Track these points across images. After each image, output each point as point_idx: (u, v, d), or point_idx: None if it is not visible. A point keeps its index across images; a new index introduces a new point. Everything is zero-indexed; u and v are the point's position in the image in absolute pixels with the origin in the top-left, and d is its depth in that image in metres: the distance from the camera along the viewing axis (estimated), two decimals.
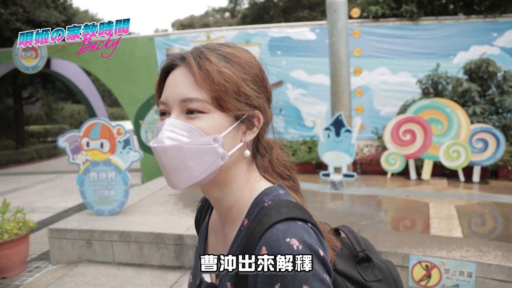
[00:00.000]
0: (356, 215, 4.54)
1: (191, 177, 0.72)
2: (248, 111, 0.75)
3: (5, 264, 4.21)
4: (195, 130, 0.71)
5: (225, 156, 0.72)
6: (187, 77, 0.72)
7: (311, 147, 8.03)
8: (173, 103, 0.73)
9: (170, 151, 0.71)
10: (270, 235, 0.64)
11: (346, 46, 6.20)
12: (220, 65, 0.71)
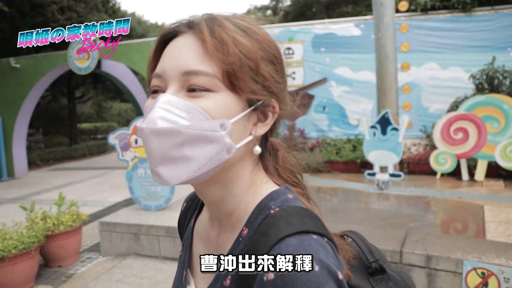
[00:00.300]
0: (404, 216, 4.37)
1: (186, 171, 0.57)
2: (264, 97, 0.61)
3: (60, 254, 4.47)
4: (199, 111, 0.56)
5: (232, 148, 0.59)
6: (194, 46, 0.58)
7: (356, 146, 7.85)
8: (171, 76, 0.59)
9: (163, 136, 0.56)
10: (279, 253, 0.51)
11: (393, 41, 5.97)
12: (237, 34, 0.58)
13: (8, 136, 11.36)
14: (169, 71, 0.59)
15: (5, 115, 11.31)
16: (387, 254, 3.12)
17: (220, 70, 0.57)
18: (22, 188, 9.75)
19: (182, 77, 0.58)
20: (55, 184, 10.19)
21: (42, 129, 17.39)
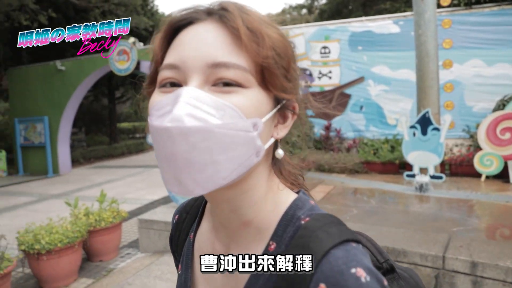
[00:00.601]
0: (446, 220, 4.18)
1: (215, 179, 0.50)
2: (291, 96, 0.56)
3: (101, 249, 4.64)
4: (232, 108, 0.49)
5: (261, 151, 0.53)
6: (221, 35, 0.51)
7: (394, 146, 7.63)
8: (194, 67, 0.51)
9: (194, 137, 0.47)
10: (329, 267, 0.47)
11: (434, 38, 5.74)
12: (267, 26, 0.53)
13: (54, 135, 11.95)
14: (191, 61, 0.51)
15: (51, 115, 11.90)
16: (429, 259, 3.00)
17: (253, 64, 0.51)
18: (66, 185, 10.23)
19: (208, 69, 0.50)
20: (96, 181, 10.61)
21: (85, 128, 18.16)
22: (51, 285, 3.95)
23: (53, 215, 5.51)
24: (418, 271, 3.06)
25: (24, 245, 3.79)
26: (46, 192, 9.29)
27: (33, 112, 12.15)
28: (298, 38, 8.81)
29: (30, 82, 12.13)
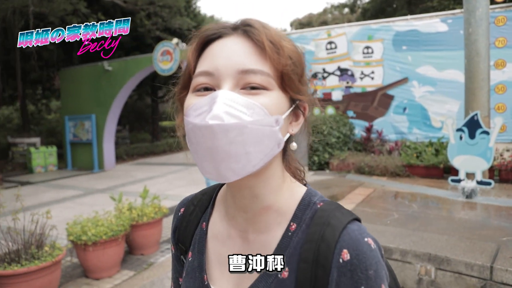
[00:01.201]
0: (494, 228, 3.97)
1: (247, 166, 0.59)
2: (304, 97, 0.67)
3: (143, 243, 4.80)
4: (259, 107, 0.59)
5: (281, 143, 0.63)
6: (247, 46, 0.61)
7: (439, 150, 7.34)
8: (226, 74, 0.60)
9: (232, 132, 0.56)
10: (349, 237, 0.61)
11: (486, 37, 5.46)
12: (286, 39, 0.63)
13: (100, 132, 12.52)
14: (223, 69, 0.60)
15: (98, 114, 12.48)
16: (475, 269, 2.87)
17: (275, 70, 0.61)
18: (110, 180, 10.68)
19: (238, 75, 0.60)
20: (138, 177, 10.99)
21: (128, 126, 18.88)
22: (96, 275, 4.13)
23: (98, 208, 5.78)
24: (463, 280, 2.92)
25: (73, 236, 3.99)
26: (92, 187, 9.74)
27: (82, 110, 12.80)
28: (340, 38, 8.69)
29: (80, 82, 12.79)
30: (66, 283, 4.08)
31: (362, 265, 0.59)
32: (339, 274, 0.59)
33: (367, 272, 0.58)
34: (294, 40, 9.33)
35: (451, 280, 2.98)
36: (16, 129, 17.20)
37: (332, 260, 0.60)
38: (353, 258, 0.59)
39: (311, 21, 30.20)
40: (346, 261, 0.59)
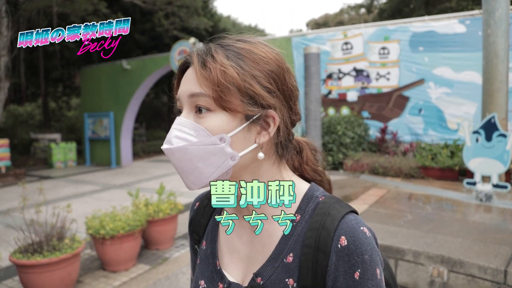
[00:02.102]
0: (510, 232, 3.93)
1: (201, 179, 0.69)
2: (258, 111, 0.69)
3: (158, 238, 4.91)
4: (202, 129, 0.68)
5: (235, 156, 0.69)
6: (193, 74, 0.70)
7: (454, 152, 7.26)
8: (184, 99, 0.71)
9: (177, 153, 0.68)
10: (346, 226, 0.68)
11: (505, 38, 5.39)
12: (225, 63, 0.67)
13: (118, 129, 12.77)
14: (182, 94, 0.71)
15: (116, 111, 12.73)
16: (488, 272, 2.87)
17: (211, 94, 0.67)
18: (127, 176, 10.88)
19: (189, 99, 0.70)
20: (154, 174, 11.17)
21: (145, 123, 19.15)
22: (113, 268, 4.25)
23: (115, 203, 5.92)
24: (476, 283, 2.93)
25: (91, 230, 4.12)
26: (109, 182, 9.95)
27: (101, 108, 13.08)
28: (357, 38, 8.67)
29: (99, 80, 13.07)
30: (85, 274, 4.22)
31: (358, 250, 0.66)
32: (338, 258, 0.67)
33: (362, 256, 0.66)
34: (310, 40, 9.40)
35: (463, 283, 2.99)
36: (38, 126, 17.66)
37: (332, 245, 0.67)
38: (350, 244, 0.66)
39: (327, 21, 30.04)
40: (344, 247, 0.67)
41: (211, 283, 0.81)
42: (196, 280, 0.85)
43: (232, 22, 27.81)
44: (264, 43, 0.75)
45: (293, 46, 9.41)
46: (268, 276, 0.73)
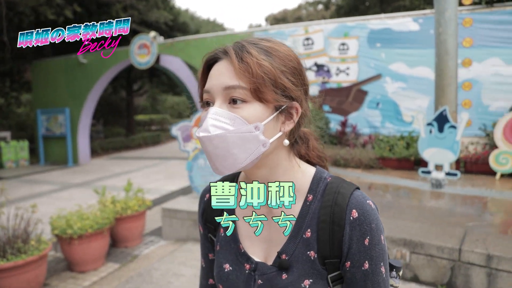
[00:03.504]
0: (461, 215, 4.29)
1: (235, 164, 0.75)
2: (286, 102, 0.78)
3: (127, 236, 4.85)
4: (238, 118, 0.73)
5: (267, 143, 0.76)
6: (229, 68, 0.75)
7: (409, 143, 7.69)
8: (216, 91, 0.76)
9: (215, 140, 0.73)
10: (356, 200, 0.79)
11: (454, 37, 5.79)
12: (260, 58, 0.74)
13: (74, 126, 12.29)
14: (215, 87, 0.77)
15: (72, 107, 12.23)
16: (445, 252, 3.13)
17: (248, 86, 0.74)
18: (86, 174, 10.53)
19: (224, 91, 0.75)
20: (115, 171, 10.89)
21: (103, 120, 18.52)
22: (81, 268, 4.16)
23: (76, 203, 5.73)
24: (435, 262, 3.19)
25: (57, 230, 4.00)
26: (67, 181, 9.59)
27: (55, 104, 12.50)
28: (317, 34, 8.90)
29: (53, 75, 12.47)
30: (51, 277, 4.09)
31: (367, 220, 0.78)
32: (351, 228, 0.78)
33: (370, 225, 0.78)
34: (272, 36, 9.47)
35: (424, 263, 3.24)
36: None
37: (345, 218, 0.78)
38: (360, 215, 0.78)
39: (286, 16, 30.37)
40: (355, 218, 0.78)
41: (236, 265, 0.89)
42: (220, 265, 0.91)
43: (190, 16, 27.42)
44: (283, 43, 0.82)
45: None
46: (292, 252, 0.82)
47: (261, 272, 0.85)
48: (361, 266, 0.78)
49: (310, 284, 0.80)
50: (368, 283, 0.79)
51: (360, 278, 0.79)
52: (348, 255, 0.79)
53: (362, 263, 0.78)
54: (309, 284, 0.80)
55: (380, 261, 0.79)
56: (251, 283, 0.86)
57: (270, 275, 0.84)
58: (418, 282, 3.27)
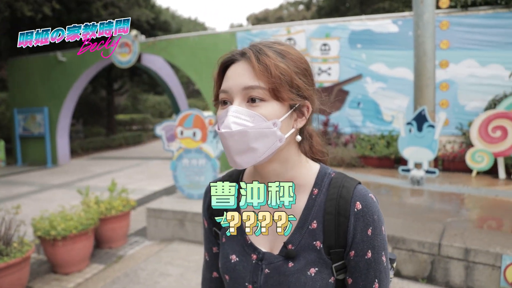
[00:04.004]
0: (440, 212, 4.45)
1: (254, 158, 0.80)
2: (299, 101, 0.84)
3: (111, 236, 4.82)
4: (258, 115, 0.79)
5: (283, 138, 0.82)
6: (248, 69, 0.81)
7: (390, 142, 7.88)
8: (235, 91, 0.81)
9: (236, 135, 0.78)
10: (359, 194, 0.85)
11: (432, 39, 5.97)
12: (277, 60, 0.80)
13: (53, 126, 12.03)
14: (234, 87, 0.82)
15: (51, 106, 11.97)
16: (426, 246, 3.26)
17: (267, 86, 0.79)
18: (66, 175, 10.34)
19: (243, 91, 0.80)
20: (96, 172, 10.74)
21: (82, 119, 18.18)
22: (65, 270, 4.12)
23: (57, 204, 5.65)
24: (416, 257, 3.31)
25: (40, 231, 3.95)
26: (47, 182, 9.41)
27: (33, 103, 12.21)
28: (300, 35, 9.00)
29: (30, 73, 12.16)
30: (34, 280, 4.03)
31: (370, 212, 0.85)
32: (355, 219, 0.84)
33: (373, 216, 0.85)
34: (255, 35, 9.58)
35: (405, 258, 3.36)
36: None
37: (350, 210, 0.84)
38: (364, 207, 0.84)
39: (268, 16, 30.49)
40: (359, 210, 0.84)
41: (243, 256, 0.93)
42: (226, 256, 0.95)
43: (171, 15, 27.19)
44: (293, 46, 0.89)
45: (238, 40, 9.54)
46: (298, 242, 0.87)
47: (268, 261, 0.89)
48: (365, 255, 0.84)
49: (315, 272, 0.85)
50: (371, 271, 0.85)
51: (364, 267, 0.85)
52: (352, 245, 0.84)
53: (366, 252, 0.84)
54: (315, 272, 0.85)
55: (381, 250, 0.86)
56: (258, 272, 0.90)
57: (277, 264, 0.88)
58: (400, 276, 3.39)
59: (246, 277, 0.91)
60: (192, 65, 10.13)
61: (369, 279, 0.86)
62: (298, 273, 0.86)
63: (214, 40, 9.82)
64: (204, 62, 9.90)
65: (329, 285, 0.86)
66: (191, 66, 10.16)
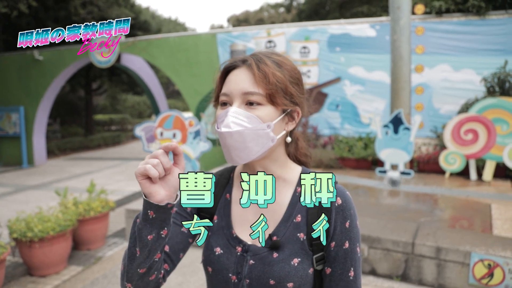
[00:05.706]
0: (414, 212, 4.60)
1: (249, 155, 0.90)
2: (291, 107, 0.94)
3: (89, 238, 4.76)
4: (255, 117, 0.88)
5: (275, 139, 0.92)
6: (249, 76, 0.90)
7: (367, 144, 8.05)
8: (236, 95, 0.90)
9: (235, 135, 0.87)
10: (339, 191, 0.94)
11: (408, 44, 6.16)
12: (275, 69, 0.90)
13: (29, 125, 11.75)
14: (234, 91, 0.91)
15: (27, 105, 11.69)
16: (400, 245, 3.38)
17: (264, 92, 0.89)
18: (42, 176, 10.12)
19: (243, 95, 0.90)
20: (74, 172, 10.55)
21: (59, 119, 17.78)
22: (42, 272, 4.05)
23: (33, 205, 5.55)
24: (390, 256, 3.42)
25: (17, 233, 3.87)
26: (22, 183, 9.19)
27: (8, 102, 11.89)
28: (280, 37, 9.09)
29: (6, 71, 11.84)
30: (9, 283, 3.95)
31: (347, 207, 0.95)
32: (336, 213, 0.94)
33: (350, 211, 0.95)
34: (235, 37, 9.63)
35: (381, 257, 3.47)
36: None
37: (331, 205, 0.94)
38: (343, 202, 0.95)
39: (248, 18, 30.55)
40: (340, 205, 0.95)
41: (227, 248, 0.99)
42: (211, 249, 1.01)
43: (151, 14, 26.91)
44: (287, 57, 0.99)
45: (218, 42, 9.56)
46: (283, 234, 0.95)
47: (254, 253, 0.96)
48: (343, 245, 0.94)
49: (298, 263, 0.93)
50: (348, 260, 0.94)
51: (342, 256, 0.94)
52: (333, 236, 0.94)
53: (343, 243, 0.94)
54: (298, 262, 0.93)
55: (356, 241, 0.96)
56: (243, 263, 0.96)
57: (262, 255, 0.95)
58: (376, 275, 3.50)
59: (230, 268, 0.96)
60: (172, 66, 10.08)
61: (346, 268, 0.94)
62: (283, 263, 0.93)
63: (194, 41, 9.81)
64: (184, 63, 9.87)
65: (308, 275, 0.93)
66: (171, 67, 10.11)
